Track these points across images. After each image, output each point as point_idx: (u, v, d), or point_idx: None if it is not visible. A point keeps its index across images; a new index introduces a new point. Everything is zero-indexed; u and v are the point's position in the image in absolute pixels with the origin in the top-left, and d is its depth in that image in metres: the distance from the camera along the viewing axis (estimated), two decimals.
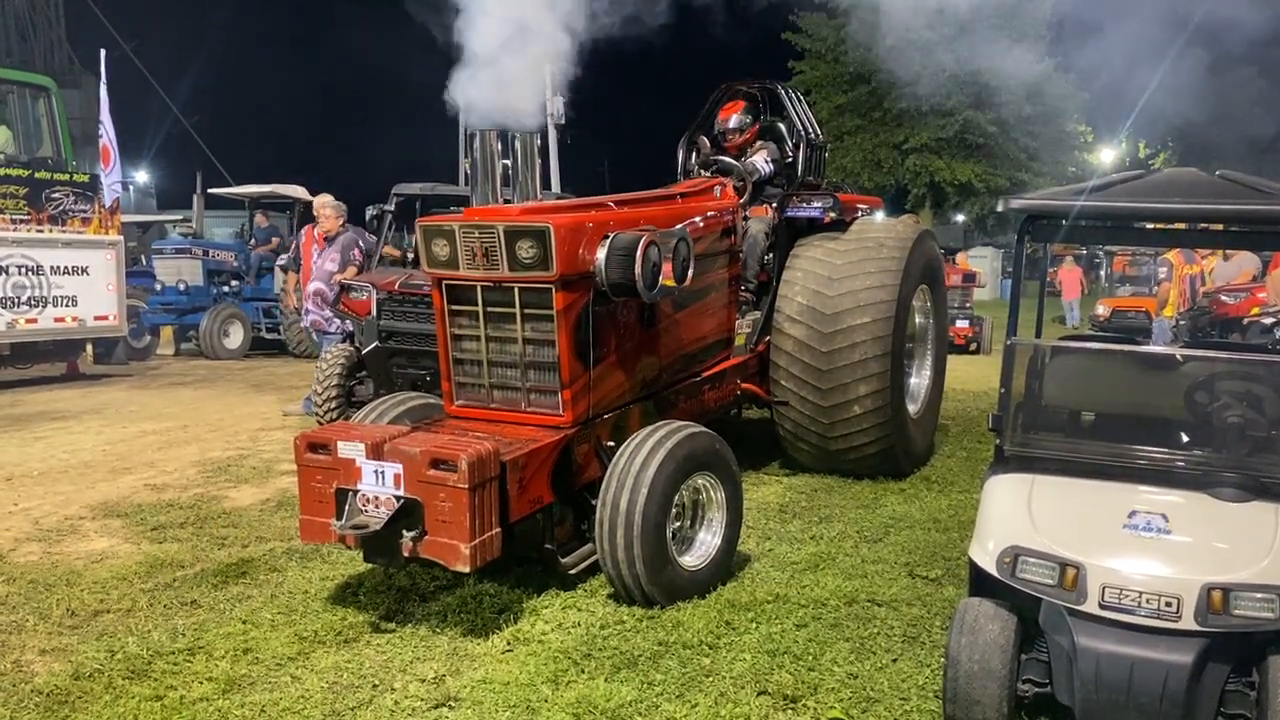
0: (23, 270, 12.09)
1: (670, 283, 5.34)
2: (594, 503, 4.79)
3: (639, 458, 4.69)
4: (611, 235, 5.10)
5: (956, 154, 33.10)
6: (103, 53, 13.85)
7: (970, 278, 18.66)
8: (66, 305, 12.61)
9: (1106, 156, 36.25)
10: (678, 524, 4.94)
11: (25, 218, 12.18)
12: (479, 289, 5.15)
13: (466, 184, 7.00)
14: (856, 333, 6.79)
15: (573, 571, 4.91)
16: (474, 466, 4.18)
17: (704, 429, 5.09)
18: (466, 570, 4.24)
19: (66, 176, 12.83)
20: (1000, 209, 3.97)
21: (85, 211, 12.87)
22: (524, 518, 4.66)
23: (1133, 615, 3.15)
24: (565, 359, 5.03)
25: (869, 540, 5.87)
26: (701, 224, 6.43)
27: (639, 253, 5.01)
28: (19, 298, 12.07)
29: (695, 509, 5.09)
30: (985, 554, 3.47)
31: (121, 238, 13.59)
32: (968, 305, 17.78)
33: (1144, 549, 3.29)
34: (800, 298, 6.99)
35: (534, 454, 4.72)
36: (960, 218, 41.56)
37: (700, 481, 5.01)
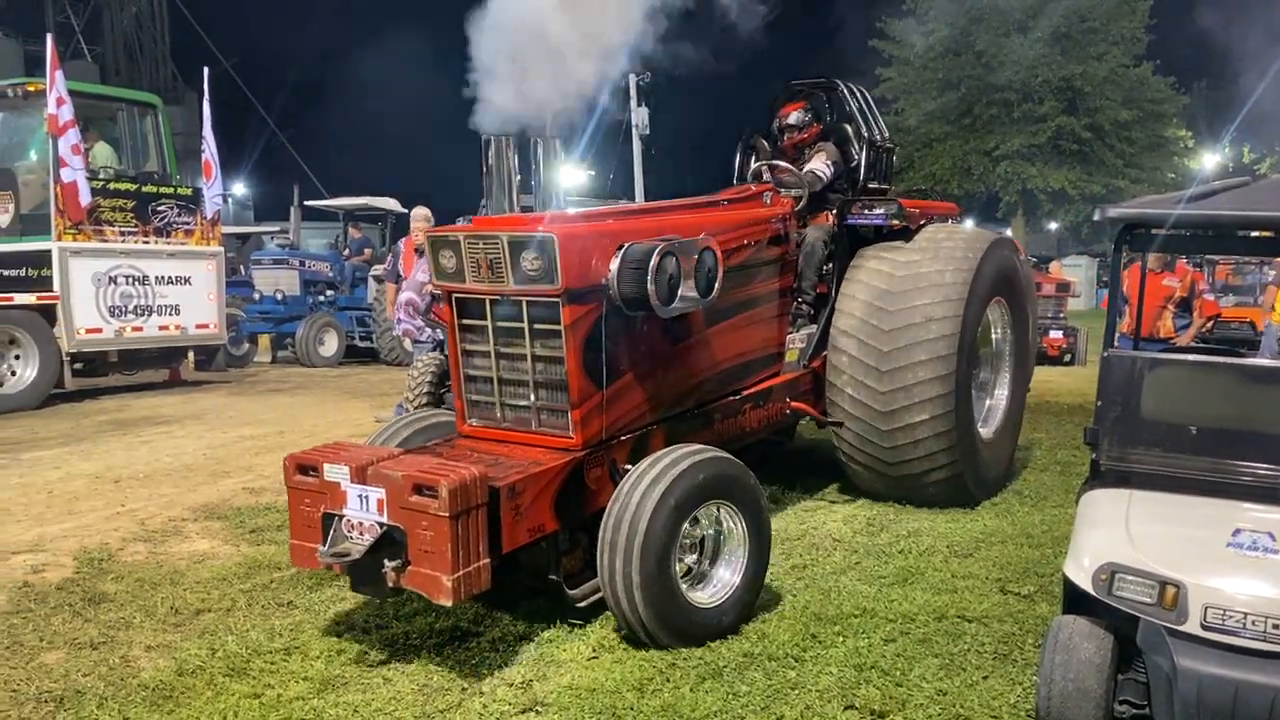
0: (130, 280, 12.60)
1: (692, 295, 4.96)
2: None
3: (637, 494, 4.27)
4: (626, 245, 4.75)
5: (1050, 160, 32.43)
6: (205, 70, 14.34)
7: (1064, 287, 18.19)
8: (170, 314, 13.11)
9: (1208, 162, 35.14)
10: (693, 557, 4.59)
11: (133, 230, 12.71)
12: (487, 303, 4.92)
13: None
14: (916, 355, 6.31)
15: (581, 604, 4.58)
16: (455, 494, 3.84)
17: (719, 453, 4.64)
18: (449, 604, 3.97)
19: (171, 190, 13.34)
20: (1096, 218, 3.86)
21: (188, 224, 13.37)
22: (522, 547, 4.32)
23: (1237, 637, 3.05)
24: (574, 377, 4.68)
25: (959, 555, 5.77)
26: (740, 232, 6.05)
27: (652, 264, 4.63)
28: (126, 306, 12.57)
29: (716, 542, 4.66)
30: (1081, 570, 3.39)
31: (222, 249, 14.12)
32: (1062, 315, 17.37)
33: (1250, 568, 3.18)
34: (858, 315, 6.50)
35: (534, 478, 4.36)
36: (1054, 225, 40.67)
37: (716, 512, 4.60)
